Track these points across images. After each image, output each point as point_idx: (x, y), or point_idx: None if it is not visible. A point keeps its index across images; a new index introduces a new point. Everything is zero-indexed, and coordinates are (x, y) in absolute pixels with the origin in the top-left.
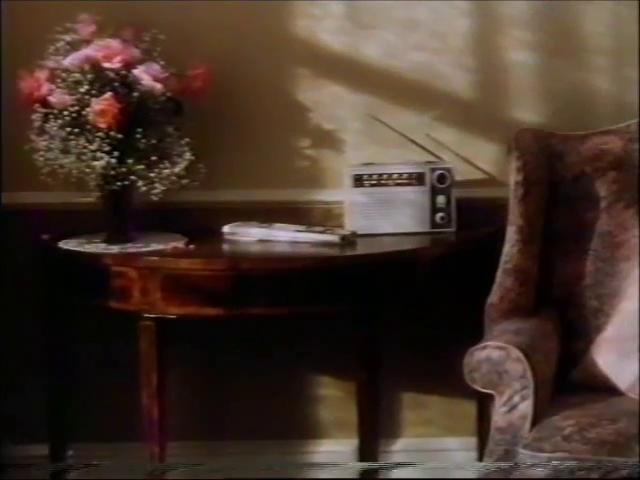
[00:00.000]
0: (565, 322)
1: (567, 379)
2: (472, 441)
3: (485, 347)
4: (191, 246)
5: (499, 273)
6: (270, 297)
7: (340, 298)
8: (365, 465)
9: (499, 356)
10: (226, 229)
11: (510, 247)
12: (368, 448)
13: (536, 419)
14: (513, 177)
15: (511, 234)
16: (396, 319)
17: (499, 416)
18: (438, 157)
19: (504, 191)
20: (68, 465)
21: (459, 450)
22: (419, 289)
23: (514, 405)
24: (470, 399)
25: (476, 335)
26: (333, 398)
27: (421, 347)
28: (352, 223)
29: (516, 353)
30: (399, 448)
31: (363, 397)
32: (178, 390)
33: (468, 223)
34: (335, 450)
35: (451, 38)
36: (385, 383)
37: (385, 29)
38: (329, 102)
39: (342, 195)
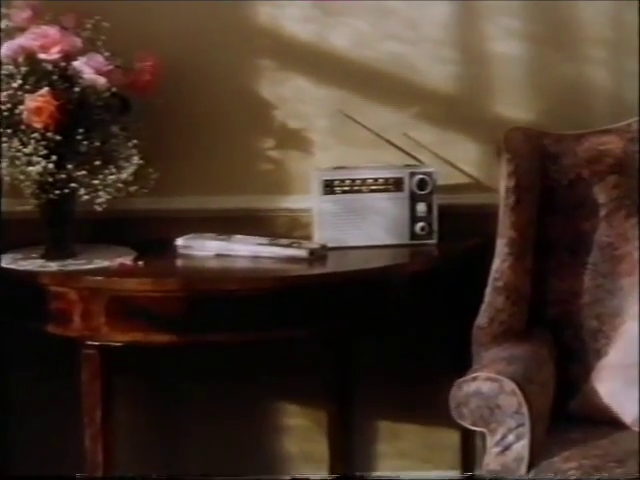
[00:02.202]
0: (560, 345)
1: (563, 408)
2: (455, 475)
3: (475, 379)
4: (140, 263)
5: (488, 291)
6: (229, 322)
7: (309, 321)
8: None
9: (491, 389)
10: (179, 242)
11: (500, 262)
12: None
13: (533, 460)
14: (504, 183)
15: (501, 247)
16: (371, 343)
17: (491, 457)
18: (418, 160)
19: (491, 197)
20: None
21: None
22: (397, 310)
23: (508, 445)
24: (453, 428)
25: (461, 361)
26: (301, 429)
27: (399, 373)
28: (321, 234)
29: (510, 386)
30: None
31: (334, 427)
32: (127, 422)
33: (452, 234)
34: None
35: (430, 27)
36: (359, 412)
37: (356, 17)
38: (295, 98)
39: (310, 202)
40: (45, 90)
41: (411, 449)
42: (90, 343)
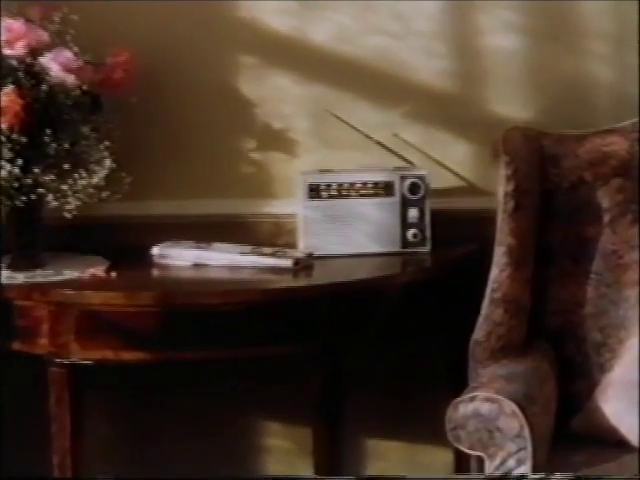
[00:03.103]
0: (561, 359)
1: (565, 426)
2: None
3: (472, 399)
4: (113, 274)
5: (486, 304)
6: (208, 338)
7: (294, 336)
8: None
9: (490, 410)
10: (155, 250)
11: (499, 272)
12: None
13: None
14: (502, 187)
15: (500, 256)
16: (360, 358)
17: None
18: (409, 162)
19: (487, 201)
20: None
21: None
22: (387, 323)
23: (508, 470)
24: (445, 447)
25: (456, 377)
26: (284, 450)
27: (390, 391)
28: (306, 242)
29: (510, 406)
30: None
31: (320, 448)
32: (100, 440)
33: (445, 241)
34: None
35: (420, 19)
36: (346, 432)
37: (341, 9)
38: (278, 96)
39: (295, 207)
40: (10, 88)
41: (402, 470)
42: (58, 361)
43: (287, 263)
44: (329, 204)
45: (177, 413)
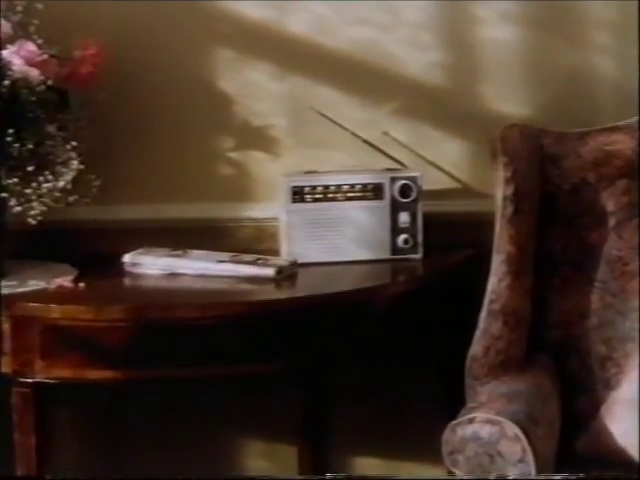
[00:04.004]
0: (564, 374)
1: (568, 445)
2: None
3: (471, 420)
4: (81, 284)
5: (483, 316)
6: (184, 355)
7: (277, 353)
8: None
9: (491, 433)
10: (127, 258)
11: (497, 282)
12: None
13: None
14: (501, 191)
15: (498, 264)
16: (349, 374)
17: None
18: (400, 162)
19: (484, 204)
20: None
21: None
22: (377, 337)
23: None
24: (439, 466)
25: (452, 395)
26: (268, 471)
27: (380, 408)
28: (290, 249)
29: (513, 429)
30: None
31: (306, 469)
32: (74, 460)
33: (439, 247)
34: None
35: (409, 9)
36: (334, 452)
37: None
38: (258, 92)
39: (277, 211)
40: None
41: None
42: (22, 380)
43: (269, 272)
44: (314, 208)
45: (156, 433)
